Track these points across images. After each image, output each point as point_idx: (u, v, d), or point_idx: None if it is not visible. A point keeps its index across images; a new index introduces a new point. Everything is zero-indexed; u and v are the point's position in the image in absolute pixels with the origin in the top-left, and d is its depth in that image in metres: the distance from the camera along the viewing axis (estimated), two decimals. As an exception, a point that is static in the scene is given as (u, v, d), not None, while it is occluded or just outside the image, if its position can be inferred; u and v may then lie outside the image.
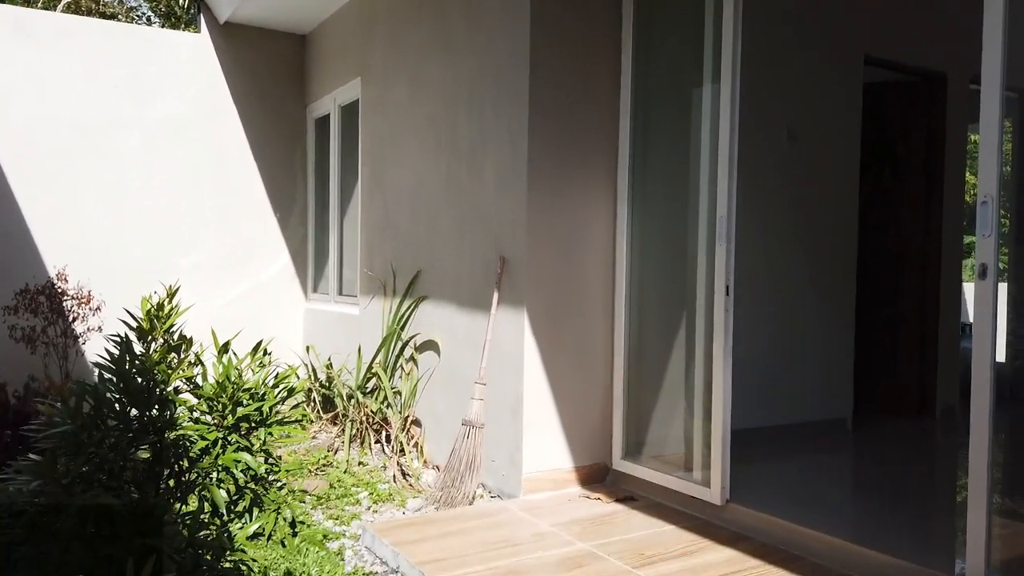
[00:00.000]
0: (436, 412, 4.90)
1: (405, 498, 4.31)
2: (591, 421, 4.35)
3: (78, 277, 5.58)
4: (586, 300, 4.32)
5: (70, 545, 1.74)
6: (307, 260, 7.05)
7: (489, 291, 4.37)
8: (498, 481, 4.27)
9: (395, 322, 5.25)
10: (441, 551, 3.38)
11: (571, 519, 3.79)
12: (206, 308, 6.51)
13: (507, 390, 4.22)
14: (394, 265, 5.44)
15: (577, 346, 4.29)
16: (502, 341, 4.27)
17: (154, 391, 1.86)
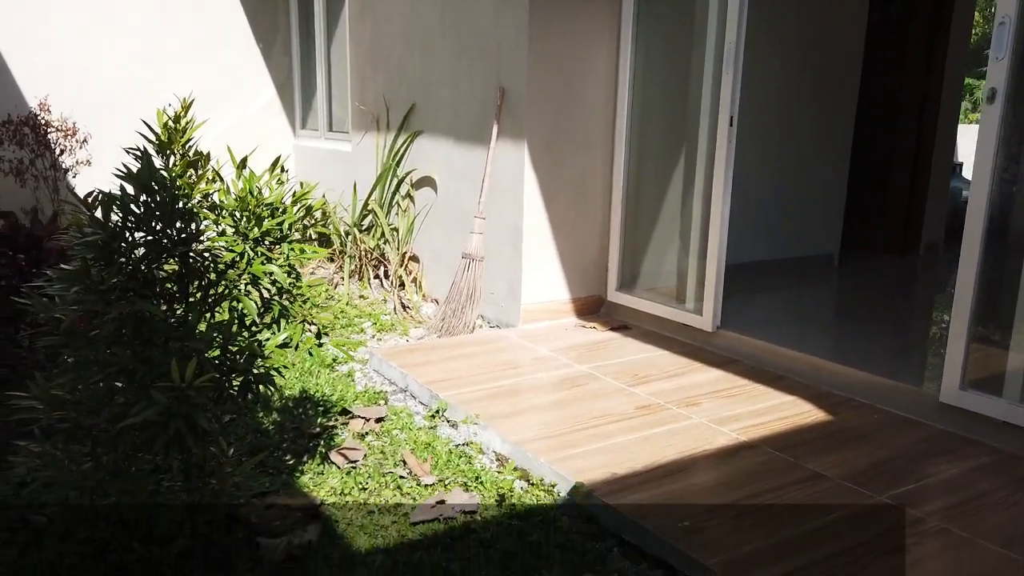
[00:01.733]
0: (434, 247, 4.97)
1: (407, 328, 4.47)
2: (588, 254, 4.44)
3: (61, 109, 5.38)
4: (587, 133, 4.28)
5: (110, 349, 1.82)
6: (294, 94, 6.82)
7: (488, 124, 4.30)
8: (497, 312, 4.42)
9: (390, 158, 5.19)
10: (446, 372, 3.57)
11: (568, 345, 3.98)
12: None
13: (507, 224, 4.27)
14: (387, 99, 5.29)
15: (576, 180, 4.30)
16: (502, 175, 4.27)
17: (178, 204, 1.87)
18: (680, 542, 2.16)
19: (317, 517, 2.40)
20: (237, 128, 6.58)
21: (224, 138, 6.50)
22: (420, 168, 5.04)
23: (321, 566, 2.13)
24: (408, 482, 2.64)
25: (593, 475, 2.56)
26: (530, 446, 2.79)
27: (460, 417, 3.11)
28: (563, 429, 2.96)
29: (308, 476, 2.67)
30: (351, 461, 2.77)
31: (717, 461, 2.71)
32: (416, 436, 3.00)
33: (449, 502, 2.48)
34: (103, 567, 2.09)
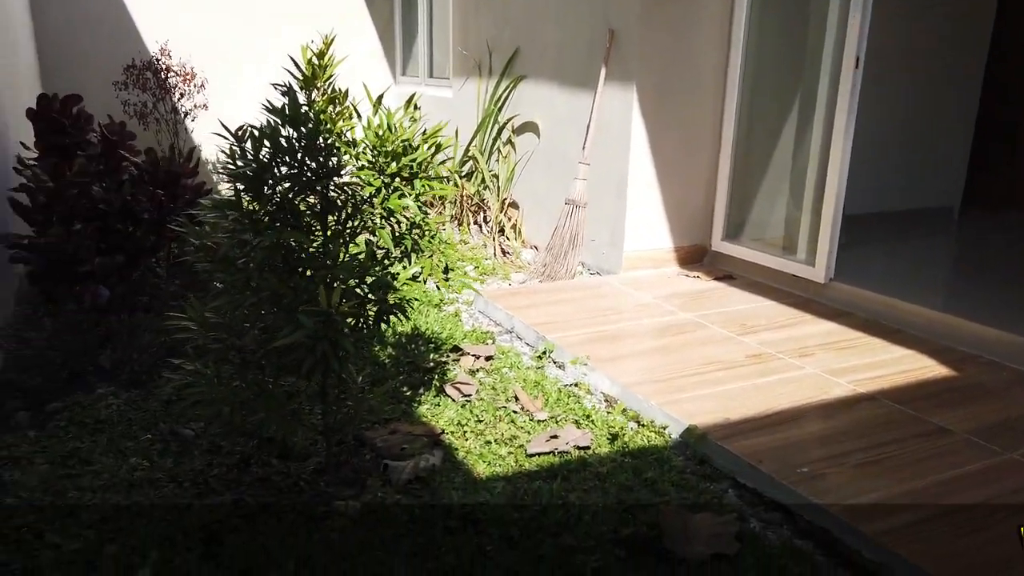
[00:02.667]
0: (535, 193, 4.98)
1: (508, 272, 4.54)
2: (693, 202, 4.36)
3: (179, 55, 5.61)
4: (697, 76, 4.16)
5: (261, 274, 1.94)
6: (395, 41, 6.87)
7: (594, 68, 4.24)
8: (598, 259, 4.42)
9: (492, 104, 5.19)
10: (551, 315, 3.61)
11: (672, 293, 3.95)
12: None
13: (611, 170, 4.23)
14: (490, 43, 5.27)
15: (684, 125, 4.20)
16: (608, 120, 4.21)
17: (321, 139, 1.94)
18: (800, 487, 2.15)
19: (438, 444, 2.51)
20: (340, 75, 6.70)
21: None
22: (522, 114, 5.03)
23: (446, 488, 2.23)
24: (521, 417, 2.71)
25: (705, 419, 2.57)
26: (639, 388, 2.81)
27: (567, 359, 3.15)
28: (671, 374, 2.97)
29: (425, 407, 2.78)
30: (465, 395, 2.87)
31: (834, 411, 2.67)
32: (525, 375, 3.06)
33: (562, 438, 2.54)
34: (247, 479, 2.25)
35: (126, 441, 2.38)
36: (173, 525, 1.99)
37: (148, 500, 2.09)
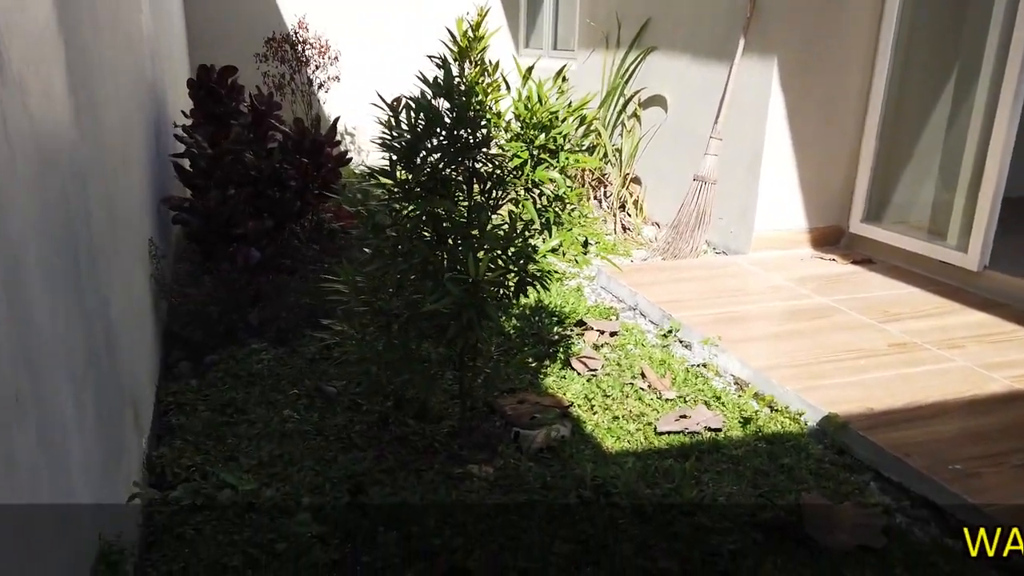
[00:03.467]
0: (659, 170, 4.88)
1: (629, 249, 4.48)
2: (831, 181, 4.15)
3: (315, 28, 5.83)
4: (845, 48, 3.93)
5: (411, 241, 2.00)
6: (519, 13, 6.87)
7: (731, 39, 4.08)
8: (724, 238, 4.29)
9: (618, 77, 5.10)
10: (676, 294, 3.55)
11: (805, 276, 3.79)
12: (419, 60, 6.64)
13: (745, 145, 4.08)
14: (620, 14, 5.17)
15: (827, 99, 3.99)
16: (744, 93, 4.06)
17: (473, 110, 1.97)
18: (953, 484, 2.03)
19: (567, 416, 2.53)
20: (464, 47, 6.77)
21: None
22: (649, 87, 4.92)
23: (577, 459, 2.25)
24: (648, 394, 2.69)
25: (846, 408, 2.46)
26: (773, 373, 2.73)
27: (694, 338, 3.09)
28: (808, 359, 2.85)
29: (551, 379, 2.80)
30: (591, 369, 2.87)
31: (988, 407, 2.50)
32: (650, 353, 3.03)
33: (693, 418, 2.50)
34: (386, 436, 2.36)
35: (276, 394, 2.53)
36: (321, 475, 2.11)
37: (298, 450, 2.22)
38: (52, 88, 1.32)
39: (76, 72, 1.53)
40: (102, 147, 1.84)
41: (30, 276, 1.10)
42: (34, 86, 1.19)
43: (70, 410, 1.26)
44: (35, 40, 1.22)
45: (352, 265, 2.16)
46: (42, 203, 1.20)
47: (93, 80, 1.76)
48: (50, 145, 1.28)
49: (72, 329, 1.33)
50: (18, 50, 1.11)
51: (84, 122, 1.60)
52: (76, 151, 1.50)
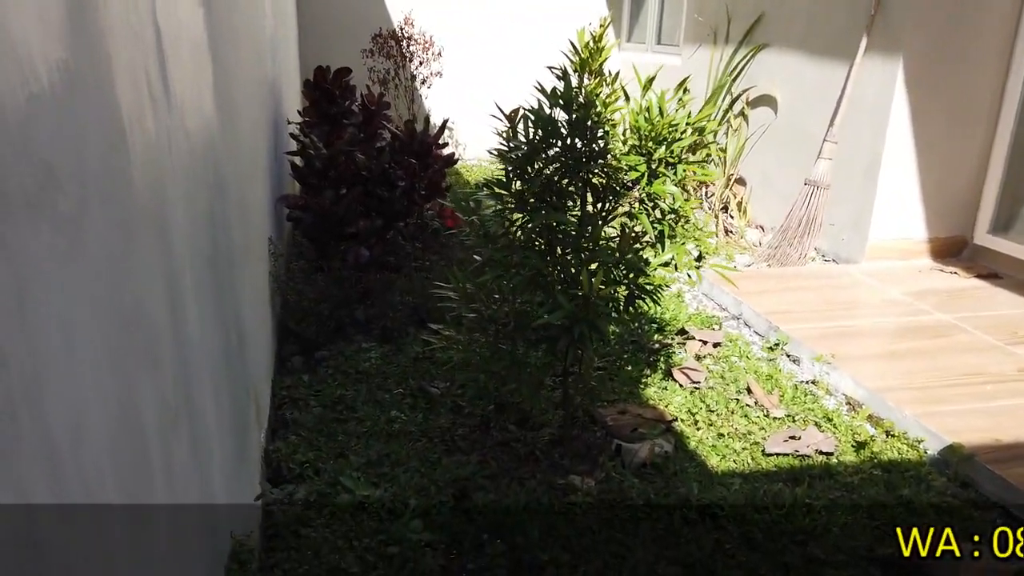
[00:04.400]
0: (766, 171, 4.71)
1: (732, 253, 4.36)
2: (955, 188, 3.91)
3: (420, 24, 5.92)
4: (978, 47, 3.67)
5: (524, 251, 2.00)
6: (622, 6, 6.76)
7: (853, 36, 3.88)
8: (835, 246, 4.11)
9: (726, 74, 4.95)
10: (783, 304, 3.43)
11: (924, 289, 3.58)
12: (526, 52, 6.63)
13: (862, 149, 3.89)
14: (729, 8, 5.01)
15: (956, 101, 3.75)
16: (864, 94, 3.86)
17: (592, 122, 1.95)
18: (1097, 533, 1.89)
19: (669, 430, 2.49)
20: (564, 38, 6.72)
21: (554, 49, 6.73)
22: (759, 86, 4.75)
23: (682, 476, 2.21)
24: (755, 411, 2.61)
25: (971, 437, 2.32)
26: (890, 395, 2.59)
27: (803, 353, 2.98)
28: (927, 382, 2.70)
29: (652, 389, 2.76)
30: (694, 382, 2.81)
31: None
32: (756, 366, 2.94)
33: (803, 440, 2.42)
34: (488, 441, 2.38)
35: (382, 393, 2.60)
36: (426, 477, 2.15)
37: (404, 450, 2.27)
38: (204, 106, 1.39)
39: (220, 87, 1.60)
40: (238, 157, 1.93)
41: (185, 291, 1.16)
42: (191, 106, 1.25)
43: (212, 414, 1.33)
44: (191, 62, 1.28)
45: (461, 271, 2.18)
46: (192, 217, 1.26)
47: (232, 92, 1.84)
48: (201, 162, 1.35)
49: (213, 336, 1.40)
50: (179, 73, 1.16)
51: (226, 134, 1.68)
52: (220, 164, 1.57)
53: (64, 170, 0.67)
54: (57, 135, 0.66)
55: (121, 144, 0.84)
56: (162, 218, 1.04)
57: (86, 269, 0.71)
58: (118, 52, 0.83)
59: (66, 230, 0.66)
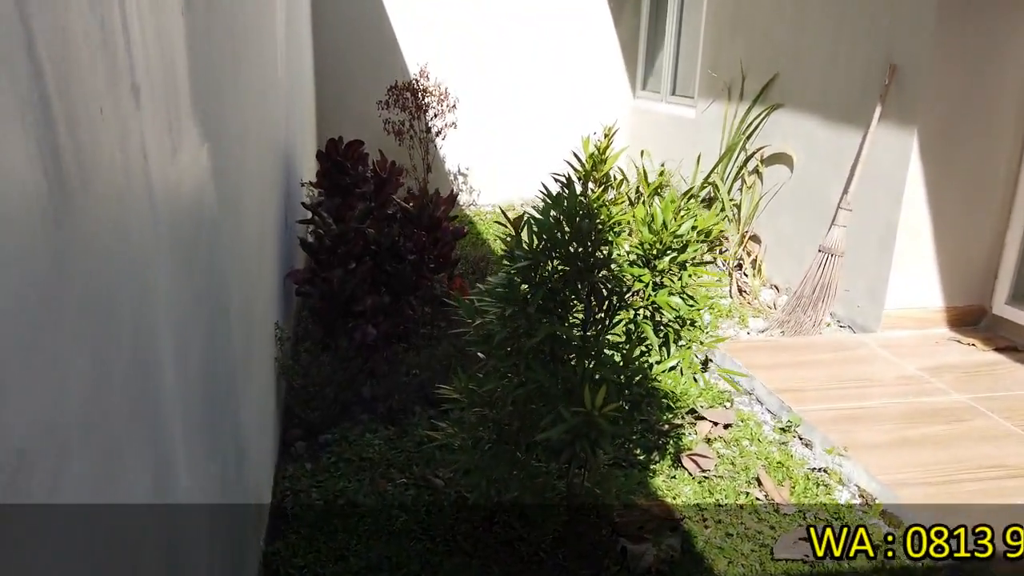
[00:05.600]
0: (779, 231, 4.67)
1: (746, 316, 4.31)
2: (972, 257, 3.84)
3: (435, 76, 5.97)
4: (992, 120, 3.63)
5: (529, 363, 1.98)
6: (637, 55, 6.77)
7: (866, 104, 3.85)
8: (851, 312, 4.05)
9: (740, 131, 4.93)
10: (796, 380, 3.37)
11: (941, 364, 3.51)
12: (540, 102, 6.67)
13: (877, 217, 3.84)
14: (744, 66, 4.99)
15: (971, 172, 3.70)
16: (878, 163, 3.82)
17: (596, 230, 1.93)
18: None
19: (676, 529, 2.43)
20: (579, 85, 6.76)
21: (568, 98, 6.76)
22: (773, 144, 4.73)
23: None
24: (765, 507, 2.55)
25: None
26: (904, 492, 2.53)
27: (816, 437, 2.92)
28: (943, 475, 2.63)
29: (661, 478, 2.71)
30: (703, 470, 2.76)
31: None
32: (767, 451, 2.89)
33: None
34: (491, 540, 2.34)
35: (385, 483, 2.57)
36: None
37: (406, 552, 2.24)
38: (203, 197, 1.39)
39: (221, 169, 1.60)
40: (242, 247, 1.92)
41: (174, 422, 1.14)
42: (181, 203, 1.24)
43: (204, 537, 1.31)
44: (183, 147, 1.27)
45: (464, 374, 2.16)
46: (184, 339, 1.25)
47: (238, 173, 1.84)
48: (198, 273, 1.34)
49: (207, 462, 1.39)
50: (161, 159, 1.16)
51: (228, 225, 1.67)
52: (221, 267, 1.57)
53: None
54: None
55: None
56: (149, 343, 1.02)
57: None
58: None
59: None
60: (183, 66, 1.26)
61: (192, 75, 1.32)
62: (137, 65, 0.98)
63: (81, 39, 0.78)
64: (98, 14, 0.84)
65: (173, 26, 1.20)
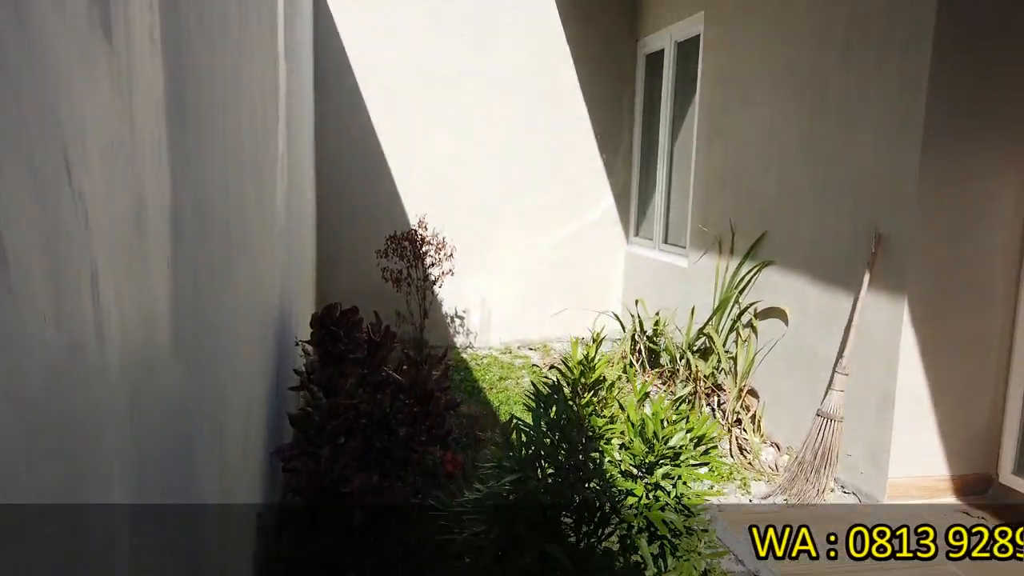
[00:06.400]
0: (777, 387, 4.63)
1: (747, 479, 4.19)
2: (974, 425, 3.78)
3: (433, 224, 6.13)
4: (983, 286, 3.68)
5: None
6: (630, 203, 6.99)
7: (854, 267, 3.92)
8: (855, 479, 3.94)
9: (732, 286, 5.00)
10: (807, 569, 3.22)
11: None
12: (535, 248, 6.82)
13: (874, 383, 3.81)
14: (733, 221, 5.13)
15: (965, 340, 3.71)
16: (871, 328, 3.83)
17: (585, 439, 1.89)
18: None
19: None
20: (576, 235, 6.93)
21: (564, 244, 6.92)
22: (766, 299, 4.77)
23: None
24: None
25: None
26: None
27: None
28: None
29: None
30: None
31: None
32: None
33: None
34: None
35: None
36: None
37: None
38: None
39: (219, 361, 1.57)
40: (224, 457, 1.86)
41: None
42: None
43: None
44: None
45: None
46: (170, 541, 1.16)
47: (221, 368, 1.81)
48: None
49: None
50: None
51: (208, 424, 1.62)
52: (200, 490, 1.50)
53: None
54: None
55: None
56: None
57: None
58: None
59: None
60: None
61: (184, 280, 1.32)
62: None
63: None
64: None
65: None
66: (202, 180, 1.50)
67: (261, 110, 2.62)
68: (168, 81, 1.26)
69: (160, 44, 1.22)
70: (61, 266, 0.82)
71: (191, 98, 1.42)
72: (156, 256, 1.20)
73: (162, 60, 1.23)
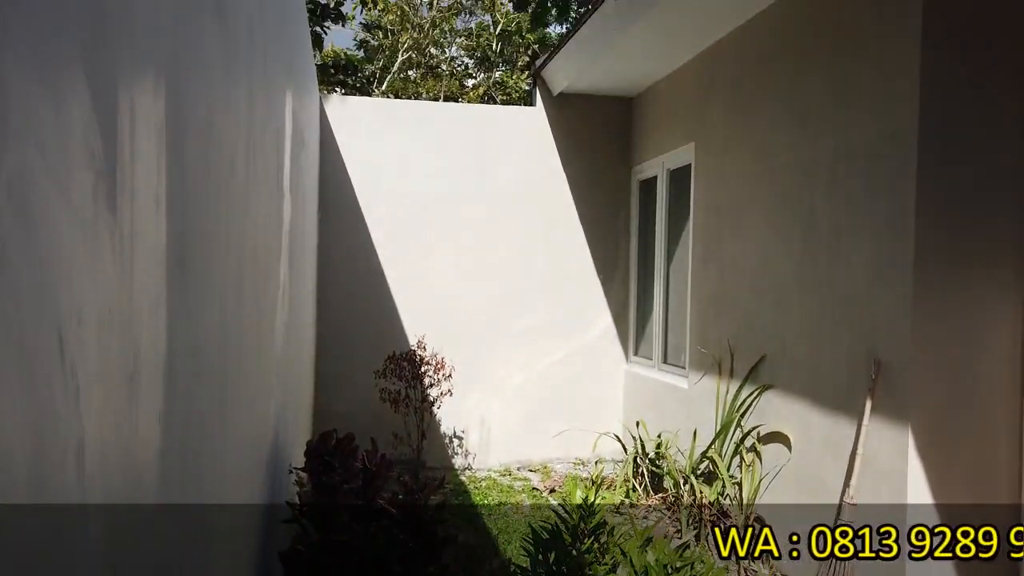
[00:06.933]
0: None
1: (757, 615, 3.99)
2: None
3: (432, 344, 6.14)
4: (985, 413, 3.63)
5: None
6: (628, 322, 7.03)
7: (855, 395, 3.88)
8: (870, 615, 3.75)
9: (734, 410, 4.94)
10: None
11: None
12: (534, 368, 6.80)
13: (884, 516, 3.69)
14: (731, 344, 5.14)
15: (973, 465, 3.62)
16: (876, 456, 3.76)
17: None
18: None
19: None
20: (575, 354, 6.93)
21: (563, 363, 6.91)
22: (768, 423, 4.71)
23: None
24: None
25: None
26: None
27: None
28: None
29: None
30: None
31: None
32: None
33: None
34: None
35: None
36: None
37: None
38: None
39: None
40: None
41: None
42: None
43: None
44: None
45: None
46: None
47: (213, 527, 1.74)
48: None
49: None
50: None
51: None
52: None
53: None
54: None
55: None
56: None
57: None
58: None
59: None
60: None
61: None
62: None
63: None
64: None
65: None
66: (200, 330, 1.51)
67: (264, 245, 2.68)
68: (170, 238, 1.29)
69: (165, 204, 1.26)
70: (47, 443, 0.81)
71: (193, 250, 1.46)
72: (146, 411, 1.19)
73: (166, 219, 1.27)
